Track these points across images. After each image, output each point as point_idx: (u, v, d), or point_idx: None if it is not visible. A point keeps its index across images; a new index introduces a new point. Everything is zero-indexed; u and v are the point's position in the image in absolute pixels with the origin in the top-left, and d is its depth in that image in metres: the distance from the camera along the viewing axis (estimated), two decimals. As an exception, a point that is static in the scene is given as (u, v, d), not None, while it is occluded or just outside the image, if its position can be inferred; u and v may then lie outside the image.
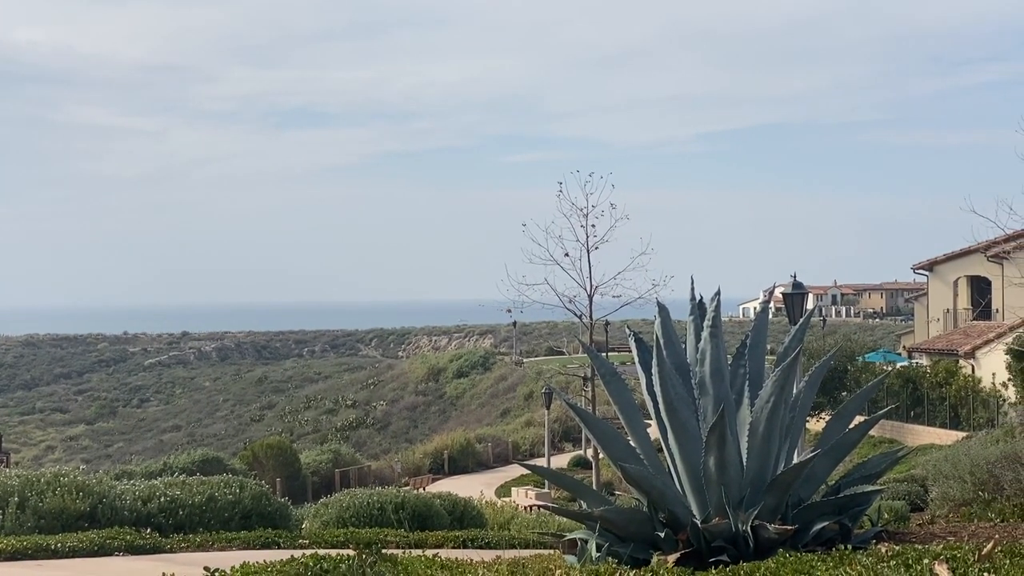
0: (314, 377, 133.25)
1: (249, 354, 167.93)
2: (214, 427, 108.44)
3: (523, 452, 66.67)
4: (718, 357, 9.34)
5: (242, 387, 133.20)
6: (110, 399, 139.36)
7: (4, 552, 13.45)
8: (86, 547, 13.99)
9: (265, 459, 50.47)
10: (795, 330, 9.89)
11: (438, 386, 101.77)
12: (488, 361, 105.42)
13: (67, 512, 15.77)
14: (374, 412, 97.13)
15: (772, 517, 8.75)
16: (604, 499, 10.03)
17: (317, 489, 49.83)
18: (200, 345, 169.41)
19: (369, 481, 50.54)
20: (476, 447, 65.91)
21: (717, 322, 9.44)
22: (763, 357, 9.74)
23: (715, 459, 8.85)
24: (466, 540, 16.05)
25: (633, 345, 9.74)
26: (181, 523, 16.54)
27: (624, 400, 9.88)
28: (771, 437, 9.10)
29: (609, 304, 30.59)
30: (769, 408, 8.97)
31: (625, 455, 9.51)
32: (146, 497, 16.92)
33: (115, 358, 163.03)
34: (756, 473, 9.08)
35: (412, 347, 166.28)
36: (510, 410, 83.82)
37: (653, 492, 9.05)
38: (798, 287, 21.95)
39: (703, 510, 9.06)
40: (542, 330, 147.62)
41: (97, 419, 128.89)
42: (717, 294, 9.59)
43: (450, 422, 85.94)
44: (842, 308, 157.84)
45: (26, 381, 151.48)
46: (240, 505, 17.52)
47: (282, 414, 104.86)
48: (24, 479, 16.40)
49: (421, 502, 20.15)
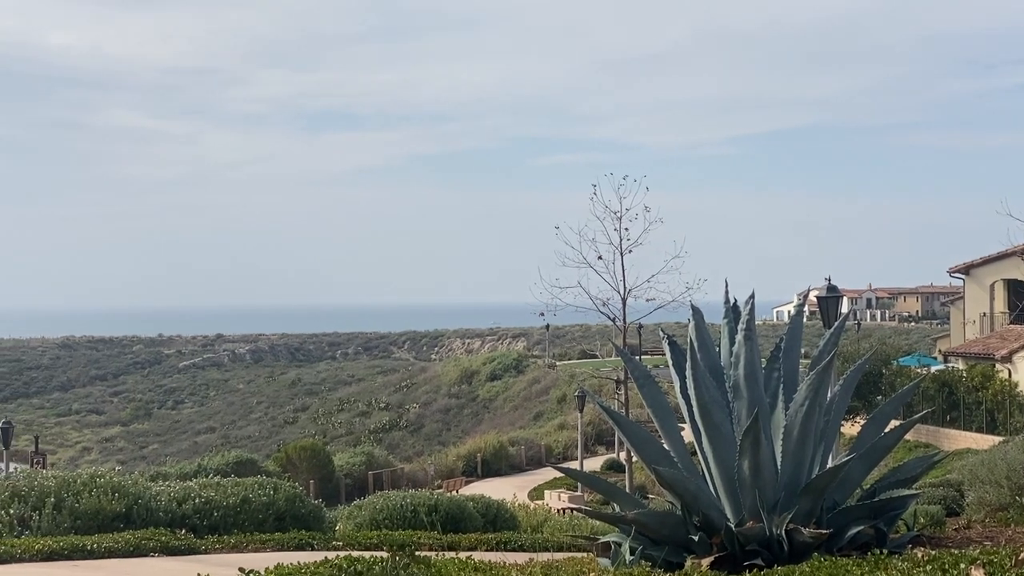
0: (347, 379, 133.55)
1: (283, 356, 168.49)
2: (248, 429, 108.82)
3: (556, 455, 66.62)
4: (752, 360, 9.30)
5: (275, 389, 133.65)
6: (145, 401, 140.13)
7: (41, 552, 13.53)
8: (121, 548, 14.06)
9: (299, 461, 50.69)
10: (830, 334, 9.84)
11: (471, 389, 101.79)
12: (521, 364, 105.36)
13: (103, 513, 15.85)
14: (407, 414, 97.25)
15: (807, 521, 8.71)
16: (637, 502, 10.01)
17: (350, 491, 50.03)
18: (234, 347, 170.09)
19: (402, 483, 50.67)
20: (509, 450, 65.92)
21: (751, 325, 9.41)
22: (798, 361, 9.70)
23: (749, 462, 8.82)
24: (499, 543, 16.03)
25: (667, 348, 9.72)
26: (215, 524, 16.61)
27: (658, 403, 9.86)
28: (806, 441, 9.06)
29: (642, 307, 30.58)
30: (804, 411, 8.93)
31: (659, 458, 9.49)
32: (181, 498, 16.99)
33: (150, 360, 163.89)
34: (790, 477, 9.04)
35: (445, 350, 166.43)
36: (543, 413, 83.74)
37: (687, 495, 9.02)
38: (832, 290, 21.84)
39: (737, 513, 9.02)
40: (575, 333, 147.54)
41: (132, 421, 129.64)
42: (751, 297, 9.56)
43: (483, 425, 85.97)
44: (877, 312, 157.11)
45: (63, 383, 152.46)
46: (274, 507, 17.58)
47: (315, 416, 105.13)
48: (60, 480, 16.50)
49: (454, 504, 20.16)
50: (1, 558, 13.25)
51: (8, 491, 16.03)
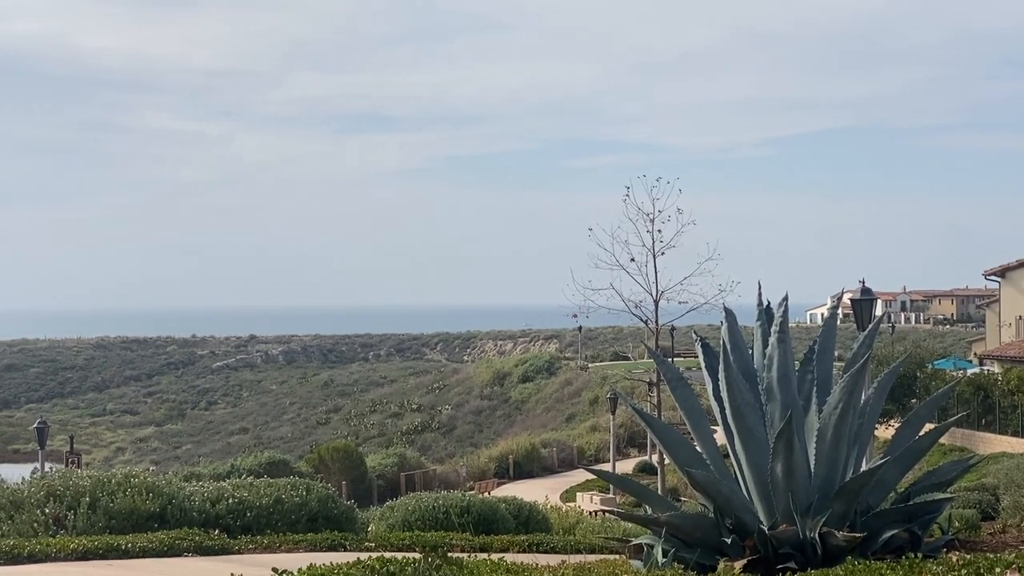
0: (380, 381, 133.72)
1: (315, 357, 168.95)
2: (280, 430, 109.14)
3: (588, 457, 66.52)
4: (785, 363, 9.27)
5: (308, 390, 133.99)
6: (179, 401, 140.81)
7: (76, 552, 13.61)
8: (156, 547, 14.12)
9: (331, 462, 50.80)
10: (864, 336, 9.80)
11: (503, 390, 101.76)
12: (553, 366, 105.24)
13: (137, 513, 15.94)
14: (439, 416, 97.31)
15: (840, 524, 8.67)
16: (670, 504, 10.00)
17: (382, 492, 50.08)
18: (267, 348, 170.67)
19: (434, 485, 50.69)
20: (541, 452, 65.88)
21: (784, 327, 9.38)
22: (831, 363, 9.66)
23: (782, 465, 8.79)
24: (531, 544, 16.02)
25: (700, 350, 9.70)
26: (249, 524, 16.67)
27: (690, 405, 9.84)
28: (839, 443, 9.02)
29: (675, 309, 30.50)
30: (837, 414, 8.89)
31: (691, 460, 9.47)
32: (214, 498, 17.06)
33: (183, 361, 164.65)
34: (824, 479, 9.00)
35: (477, 351, 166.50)
36: (575, 415, 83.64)
37: (719, 498, 9.00)
38: (867, 293, 21.74)
39: (770, 516, 9.00)
40: (607, 335, 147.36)
41: (166, 421, 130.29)
42: (785, 299, 9.53)
43: (515, 426, 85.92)
44: (911, 314, 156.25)
45: (97, 383, 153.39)
46: (307, 507, 17.63)
47: (348, 417, 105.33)
48: (95, 480, 16.60)
49: (486, 506, 20.17)
50: (37, 557, 13.35)
51: (44, 490, 16.14)
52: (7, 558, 13.25)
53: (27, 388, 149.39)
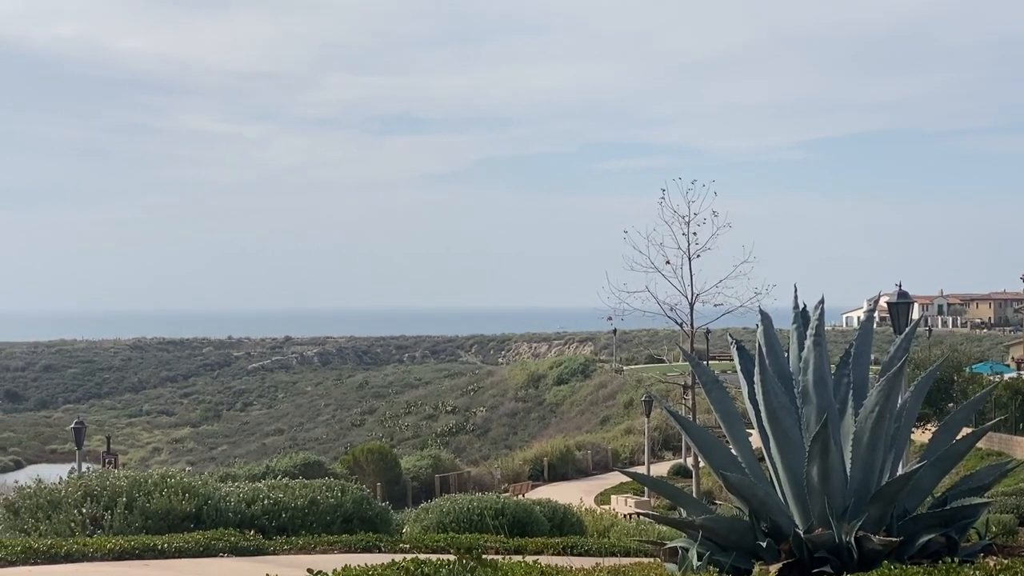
0: (414, 383, 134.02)
1: (350, 359, 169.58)
2: (316, 431, 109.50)
3: (623, 460, 66.43)
4: (821, 366, 9.24)
5: (343, 392, 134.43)
6: (214, 402, 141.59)
7: (112, 551, 13.69)
8: (192, 548, 14.19)
9: (366, 463, 50.94)
10: (900, 340, 9.75)
11: (538, 393, 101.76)
12: (588, 368, 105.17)
13: (173, 513, 16.03)
14: (474, 418, 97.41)
15: (876, 528, 8.63)
16: (705, 507, 9.97)
17: (417, 494, 50.18)
18: (302, 350, 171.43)
19: (469, 487, 50.76)
20: (576, 454, 65.86)
21: (820, 331, 9.34)
22: (867, 367, 9.62)
23: (818, 469, 8.75)
24: (566, 547, 16.01)
25: (735, 353, 9.67)
26: (284, 525, 16.73)
27: (725, 408, 9.81)
28: (875, 447, 8.97)
29: (710, 312, 30.42)
30: (874, 418, 8.85)
31: (726, 463, 9.45)
32: (250, 499, 17.14)
33: (219, 362, 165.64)
34: (860, 483, 8.96)
35: (512, 354, 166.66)
36: (610, 417, 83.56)
37: (755, 501, 8.97)
38: (903, 296, 21.63)
39: (806, 520, 8.96)
40: (642, 338, 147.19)
41: (202, 422, 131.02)
42: (820, 303, 9.49)
43: (549, 429, 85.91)
44: (948, 318, 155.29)
45: (134, 384, 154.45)
46: (342, 509, 17.69)
47: (382, 419, 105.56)
48: (132, 480, 16.70)
49: (521, 508, 20.19)
50: (74, 557, 13.44)
51: (81, 491, 16.25)
52: (45, 557, 13.35)
53: (65, 388, 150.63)
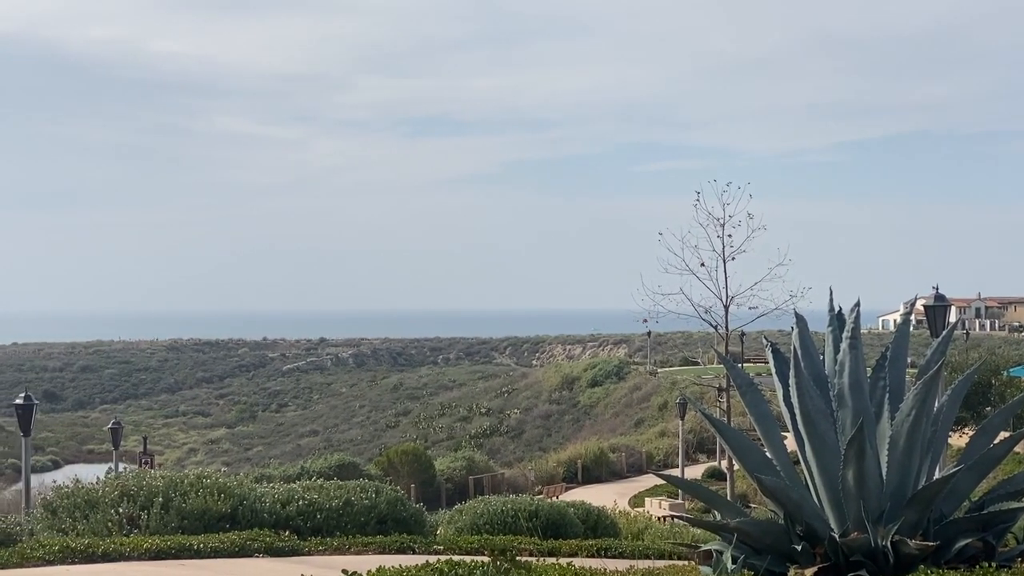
0: (449, 384, 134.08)
1: (385, 361, 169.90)
2: (350, 432, 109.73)
3: (657, 462, 66.31)
4: (857, 369, 9.19)
5: (378, 393, 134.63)
6: (250, 403, 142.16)
7: (149, 551, 13.79)
8: (227, 548, 14.27)
9: (400, 465, 51.04)
10: (937, 343, 9.69)
11: (572, 395, 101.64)
12: (622, 370, 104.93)
13: (209, 513, 16.12)
14: (508, 420, 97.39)
15: (913, 532, 8.58)
16: (740, 510, 9.93)
17: (451, 495, 50.19)
18: (337, 351, 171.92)
19: (502, 488, 50.81)
20: (610, 456, 65.75)
21: (856, 334, 9.29)
22: (904, 370, 9.56)
23: (854, 472, 8.71)
24: (599, 549, 16.01)
25: (770, 355, 9.63)
26: (318, 526, 16.81)
27: (760, 411, 9.77)
28: (912, 451, 8.92)
29: (745, 315, 30.27)
30: (910, 421, 8.80)
31: (761, 467, 9.41)
32: (285, 500, 17.22)
33: (255, 363, 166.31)
34: (896, 487, 8.91)
35: (546, 356, 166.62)
36: (644, 420, 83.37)
37: (790, 504, 8.94)
38: (940, 299, 21.49)
39: (841, 524, 8.92)
40: (677, 340, 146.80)
41: (237, 423, 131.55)
42: (856, 305, 9.44)
43: (583, 431, 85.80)
44: (986, 321, 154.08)
45: (170, 385, 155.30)
46: (376, 510, 17.74)
47: (417, 421, 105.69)
48: (168, 480, 16.82)
49: (555, 510, 20.19)
50: (111, 556, 13.55)
51: (118, 490, 16.38)
52: (82, 557, 13.46)
53: (102, 389, 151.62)
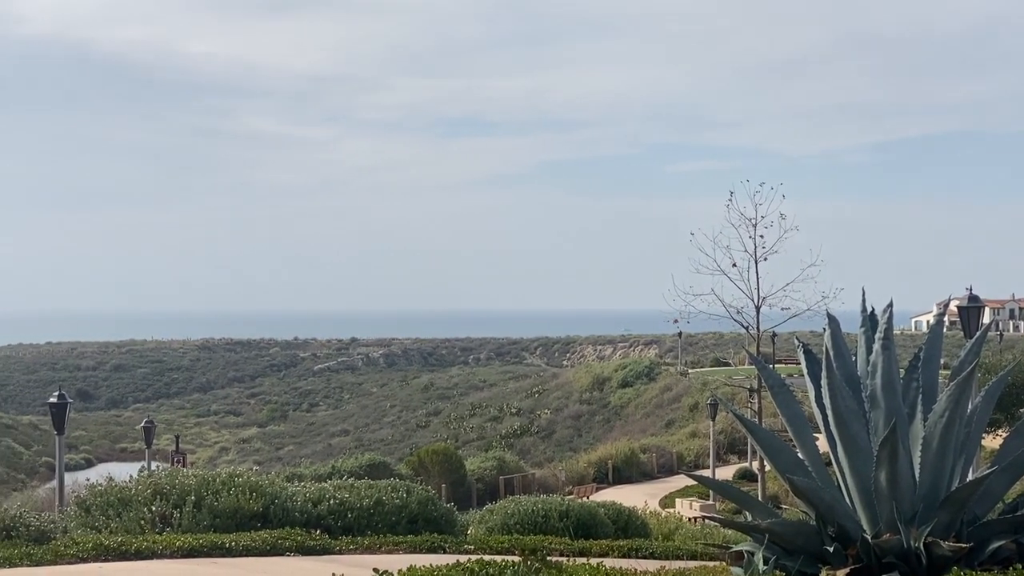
0: (479, 385, 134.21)
1: (415, 361, 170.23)
2: (381, 432, 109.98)
3: (688, 463, 66.20)
4: (890, 370, 9.15)
5: (408, 393, 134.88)
6: (281, 403, 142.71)
7: (181, 549, 13.85)
8: (259, 546, 14.32)
9: (431, 465, 51.05)
10: (971, 344, 9.63)
11: (602, 395, 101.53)
12: (653, 371, 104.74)
13: (241, 512, 16.19)
14: (538, 420, 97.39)
15: (946, 534, 8.54)
16: (771, 511, 9.90)
17: (482, 495, 50.23)
18: (368, 351, 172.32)
19: (533, 489, 50.78)
20: (640, 457, 65.66)
21: (889, 334, 9.25)
22: (937, 371, 9.51)
23: (886, 473, 8.67)
24: (630, 549, 15.99)
25: (802, 356, 9.60)
26: (349, 525, 16.85)
27: (792, 412, 9.74)
28: (945, 452, 8.88)
29: (776, 316, 30.19)
30: (943, 423, 8.75)
31: (793, 467, 9.39)
32: (316, 499, 17.28)
33: (286, 363, 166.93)
34: (929, 489, 8.87)
35: (577, 356, 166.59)
36: (675, 421, 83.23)
37: (822, 505, 8.91)
38: (974, 300, 21.38)
39: (873, 525, 8.88)
40: (708, 341, 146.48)
41: (269, 422, 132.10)
42: (889, 306, 9.40)
43: (614, 431, 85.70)
44: (1020, 322, 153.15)
45: (202, 384, 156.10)
46: (407, 509, 17.78)
47: (447, 421, 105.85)
48: (200, 479, 16.90)
49: (585, 510, 20.18)
50: (144, 554, 13.61)
51: (151, 489, 16.47)
52: (115, 554, 13.53)
53: (135, 388, 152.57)
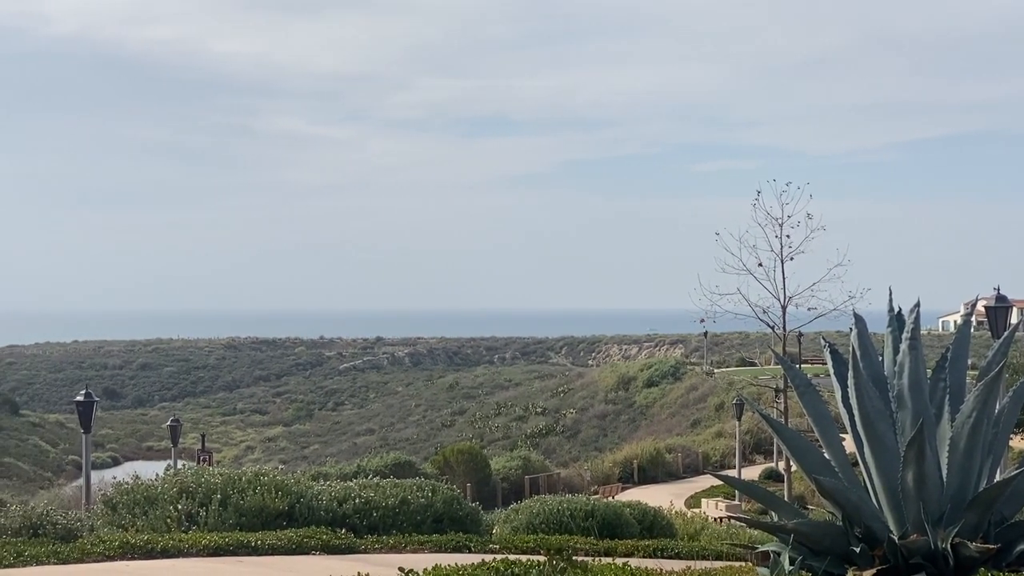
0: (504, 384, 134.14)
1: (441, 360, 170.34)
2: (406, 431, 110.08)
3: (713, 463, 66.07)
4: (917, 370, 9.11)
5: (434, 392, 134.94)
6: (306, 402, 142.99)
7: (207, 547, 13.90)
8: (284, 545, 14.36)
9: (456, 464, 51.08)
10: (999, 344, 9.58)
11: (628, 395, 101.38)
12: (679, 371, 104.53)
13: (266, 510, 16.23)
14: (563, 420, 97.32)
15: (973, 535, 8.49)
16: (797, 511, 9.87)
17: (507, 495, 50.23)
18: (393, 350, 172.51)
19: (558, 488, 50.72)
20: (666, 457, 65.55)
21: (916, 334, 9.21)
22: (964, 371, 9.46)
23: (913, 474, 8.64)
24: (656, 549, 15.96)
25: (828, 356, 9.57)
26: (375, 524, 16.87)
27: (819, 412, 9.71)
28: (972, 453, 8.83)
29: (802, 315, 30.10)
30: (971, 423, 8.71)
31: (819, 468, 9.35)
32: (341, 498, 17.31)
33: (311, 362, 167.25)
34: (956, 489, 8.83)
35: (602, 355, 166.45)
36: (700, 420, 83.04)
37: (848, 506, 8.88)
38: (1002, 300, 21.26)
39: (900, 526, 8.85)
40: (733, 340, 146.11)
41: (294, 421, 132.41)
42: (916, 306, 9.35)
43: (639, 431, 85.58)
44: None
45: (227, 383, 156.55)
46: (432, 508, 17.79)
47: (472, 420, 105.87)
48: (226, 478, 16.96)
49: (611, 510, 20.17)
50: (170, 552, 13.67)
51: (177, 487, 16.54)
52: (142, 552, 13.59)
53: (161, 387, 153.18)
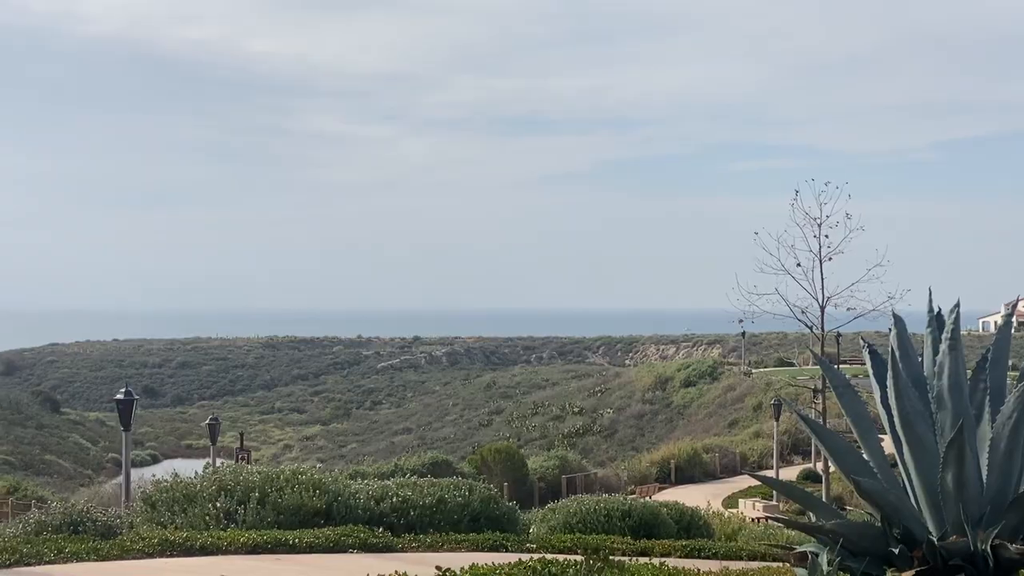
0: (542, 383, 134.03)
1: (478, 359, 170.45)
2: (443, 431, 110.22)
3: (751, 463, 65.84)
4: (957, 371, 9.05)
5: (471, 392, 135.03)
6: (344, 401, 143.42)
7: (246, 545, 13.97)
8: (322, 543, 14.41)
9: (493, 463, 51.12)
10: (1040, 344, 9.52)
11: (665, 395, 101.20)
12: (716, 371, 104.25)
13: (304, 509, 16.30)
14: (601, 419, 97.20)
15: (1013, 536, 8.44)
16: (836, 512, 9.83)
17: (544, 494, 50.20)
18: (431, 349, 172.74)
19: (595, 488, 50.67)
20: (703, 457, 65.37)
21: (956, 335, 9.15)
22: (1005, 372, 9.39)
23: (953, 475, 8.59)
24: (693, 550, 15.92)
25: (867, 357, 9.52)
26: (412, 523, 16.91)
27: (857, 413, 9.66)
28: (1013, 454, 8.77)
29: (841, 316, 29.95)
30: (1011, 424, 8.65)
31: (858, 469, 9.31)
32: (379, 497, 17.36)
33: (349, 361, 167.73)
34: (997, 491, 8.77)
35: (639, 355, 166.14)
36: (738, 421, 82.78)
37: (887, 507, 8.83)
38: (1043, 300, 21.09)
39: (940, 527, 8.80)
40: (771, 340, 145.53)
41: (332, 420, 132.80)
42: (956, 306, 9.30)
43: (677, 431, 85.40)
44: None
45: (266, 381, 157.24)
46: (469, 508, 17.82)
47: (510, 419, 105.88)
48: (264, 476, 17.04)
49: (648, 510, 20.13)
50: (209, 549, 13.75)
51: (215, 485, 16.63)
52: (181, 550, 13.68)
53: (200, 385, 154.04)
